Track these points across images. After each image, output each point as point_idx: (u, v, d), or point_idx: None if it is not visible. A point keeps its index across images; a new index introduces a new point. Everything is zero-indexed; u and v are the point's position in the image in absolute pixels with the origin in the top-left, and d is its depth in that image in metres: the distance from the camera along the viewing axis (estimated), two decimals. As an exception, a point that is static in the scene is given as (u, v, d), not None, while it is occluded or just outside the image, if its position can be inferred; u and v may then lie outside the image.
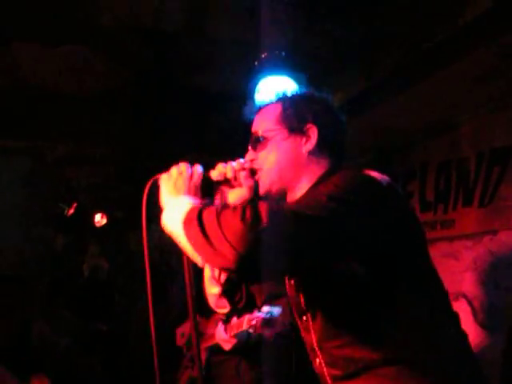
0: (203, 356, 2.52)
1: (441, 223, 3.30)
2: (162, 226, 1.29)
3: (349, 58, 2.96)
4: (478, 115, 3.06)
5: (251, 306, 1.53)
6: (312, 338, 1.34)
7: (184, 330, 2.77)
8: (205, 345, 2.47)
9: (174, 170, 1.37)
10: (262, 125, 1.40)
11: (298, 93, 1.44)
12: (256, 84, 2.50)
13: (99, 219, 5.35)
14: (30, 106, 3.69)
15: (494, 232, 2.96)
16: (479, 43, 2.52)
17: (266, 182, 1.37)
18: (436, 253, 3.33)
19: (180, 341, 2.77)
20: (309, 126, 1.35)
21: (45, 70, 3.33)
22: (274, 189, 1.38)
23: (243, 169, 1.40)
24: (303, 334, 1.40)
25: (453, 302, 3.48)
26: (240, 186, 1.41)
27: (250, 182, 1.40)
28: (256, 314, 2.13)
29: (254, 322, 2.13)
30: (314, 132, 1.35)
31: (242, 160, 1.42)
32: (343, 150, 1.43)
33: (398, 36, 3.03)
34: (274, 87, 2.50)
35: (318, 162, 1.36)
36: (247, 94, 2.52)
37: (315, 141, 1.35)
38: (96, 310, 4.53)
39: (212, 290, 1.50)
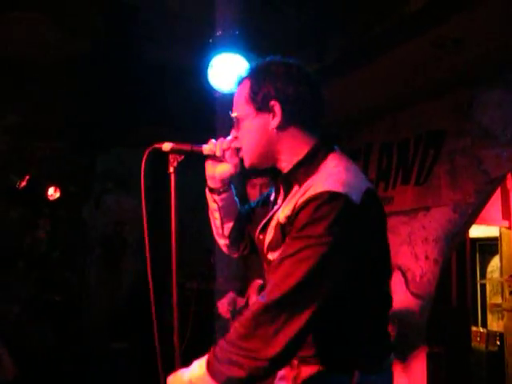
0: None
1: (381, 200, 3.53)
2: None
3: (300, 40, 3.09)
4: (417, 100, 3.28)
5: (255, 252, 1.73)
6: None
7: (229, 300, 2.79)
8: None
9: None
10: (235, 105, 1.47)
11: (264, 67, 1.42)
12: (209, 60, 2.59)
13: (52, 193, 5.30)
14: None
15: (427, 208, 3.22)
16: (419, 33, 2.70)
17: (247, 160, 1.47)
18: (376, 228, 3.58)
19: (225, 311, 2.80)
20: (272, 102, 1.37)
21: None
22: (256, 165, 1.46)
23: (229, 148, 1.49)
24: (266, 275, 1.51)
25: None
26: (227, 161, 1.52)
27: (235, 160, 1.50)
28: None
29: None
30: (278, 108, 1.37)
31: (228, 138, 1.50)
32: (316, 119, 1.41)
33: (348, 21, 3.19)
34: (226, 64, 2.60)
35: (291, 134, 1.39)
36: (201, 69, 2.61)
37: (280, 117, 1.37)
38: (49, 280, 4.55)
39: (221, 242, 1.69)
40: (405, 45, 2.82)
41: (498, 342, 4.72)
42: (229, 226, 1.63)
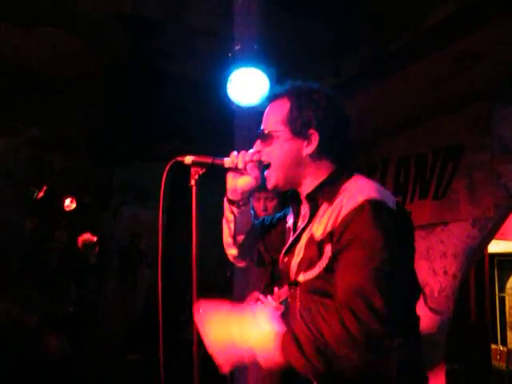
0: None
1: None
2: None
3: (318, 55, 3.11)
4: (434, 115, 3.27)
5: (262, 264, 1.72)
6: (296, 306, 1.45)
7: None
8: None
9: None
10: (269, 121, 1.48)
11: (307, 93, 1.45)
12: (229, 74, 2.62)
13: (69, 204, 5.36)
14: (3, 87, 3.70)
15: (445, 223, 3.19)
16: (437, 47, 2.71)
17: (272, 178, 1.48)
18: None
19: None
20: (311, 131, 1.41)
21: (19, 51, 3.36)
22: (280, 184, 1.49)
23: (252, 161, 1.51)
24: (289, 299, 1.51)
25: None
26: (248, 174, 1.53)
27: (256, 173, 1.51)
28: None
29: None
30: (315, 138, 1.41)
31: (251, 151, 1.53)
32: (345, 150, 1.48)
33: (366, 36, 3.21)
34: (245, 78, 2.64)
35: (319, 162, 1.44)
36: (220, 84, 2.65)
37: (315, 146, 1.42)
38: (64, 291, 4.59)
39: (230, 251, 1.70)
40: (422, 59, 2.83)
41: (520, 362, 4.61)
42: (240, 237, 1.65)
